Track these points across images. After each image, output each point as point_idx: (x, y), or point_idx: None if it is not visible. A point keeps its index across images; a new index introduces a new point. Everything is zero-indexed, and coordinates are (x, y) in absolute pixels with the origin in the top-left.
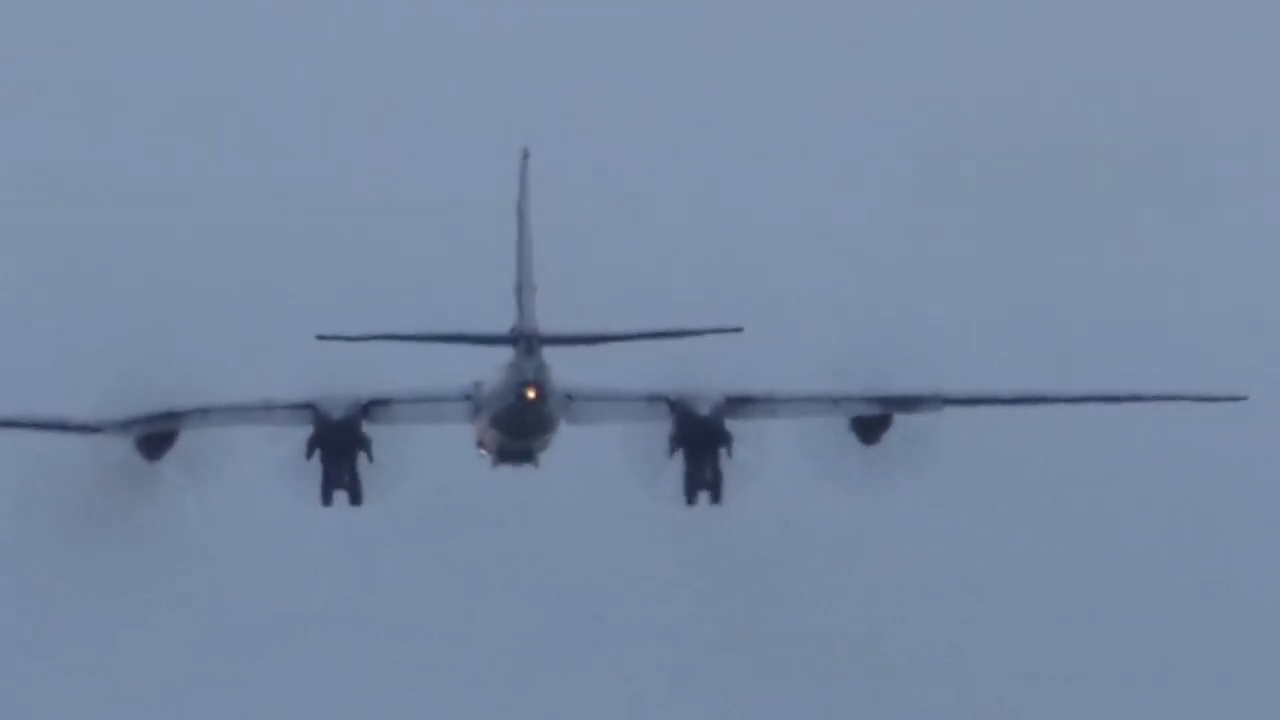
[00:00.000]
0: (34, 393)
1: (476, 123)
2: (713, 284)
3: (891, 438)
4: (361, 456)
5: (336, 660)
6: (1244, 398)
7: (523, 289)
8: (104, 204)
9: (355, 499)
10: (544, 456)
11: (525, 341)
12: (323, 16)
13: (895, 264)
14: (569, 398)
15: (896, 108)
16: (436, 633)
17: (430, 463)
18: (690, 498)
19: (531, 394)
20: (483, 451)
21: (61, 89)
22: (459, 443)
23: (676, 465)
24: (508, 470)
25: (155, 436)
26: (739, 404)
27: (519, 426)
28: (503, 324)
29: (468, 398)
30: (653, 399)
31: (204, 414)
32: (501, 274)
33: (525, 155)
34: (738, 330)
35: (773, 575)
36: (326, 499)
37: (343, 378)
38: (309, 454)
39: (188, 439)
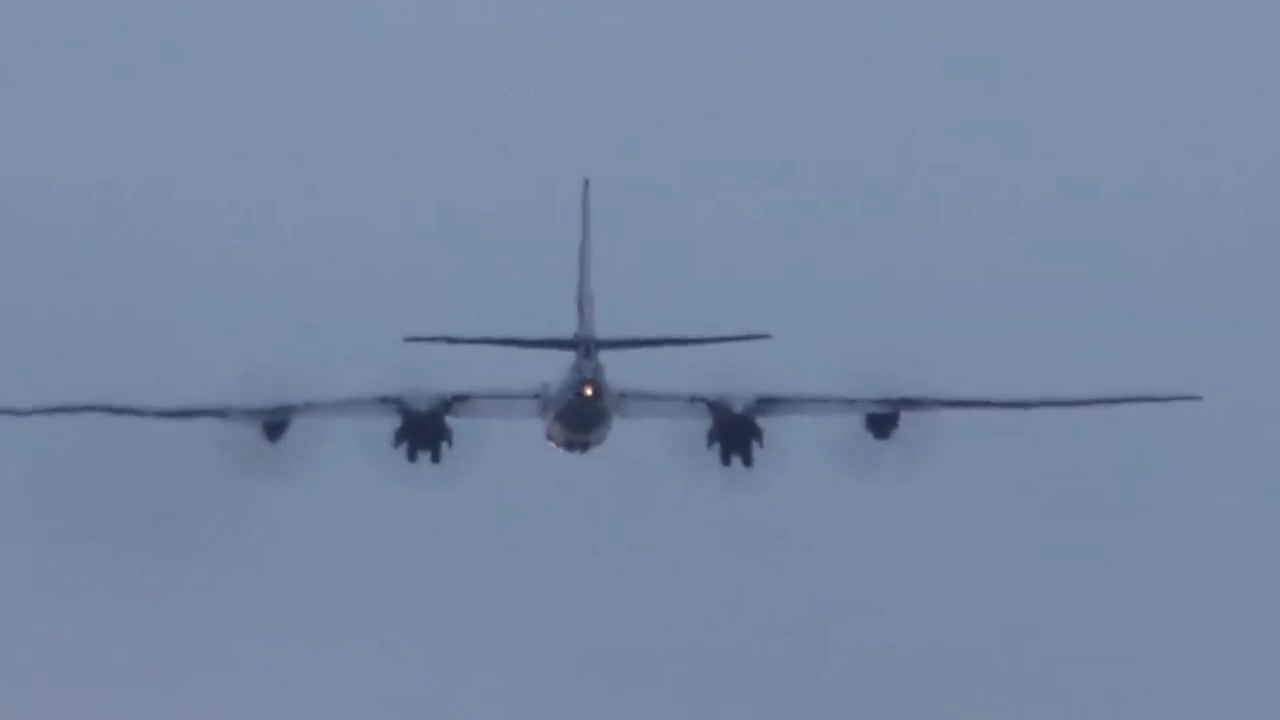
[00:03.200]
0: (164, 383)
1: (544, 151)
2: (746, 296)
3: (900, 434)
4: (443, 445)
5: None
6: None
7: (583, 300)
8: (214, 218)
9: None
10: (599, 449)
11: (584, 346)
12: (411, 46)
13: (905, 277)
14: (623, 396)
15: (902, 128)
16: (511, 592)
17: (502, 450)
18: (725, 461)
19: (589, 391)
20: (550, 444)
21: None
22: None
23: (714, 452)
24: (571, 456)
25: (274, 423)
26: (768, 403)
27: (579, 420)
28: (565, 330)
29: (537, 396)
30: (694, 398)
31: (310, 407)
32: (564, 286)
33: (586, 184)
34: (766, 337)
35: (792, 549)
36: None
37: (426, 376)
38: (396, 443)
39: (299, 425)
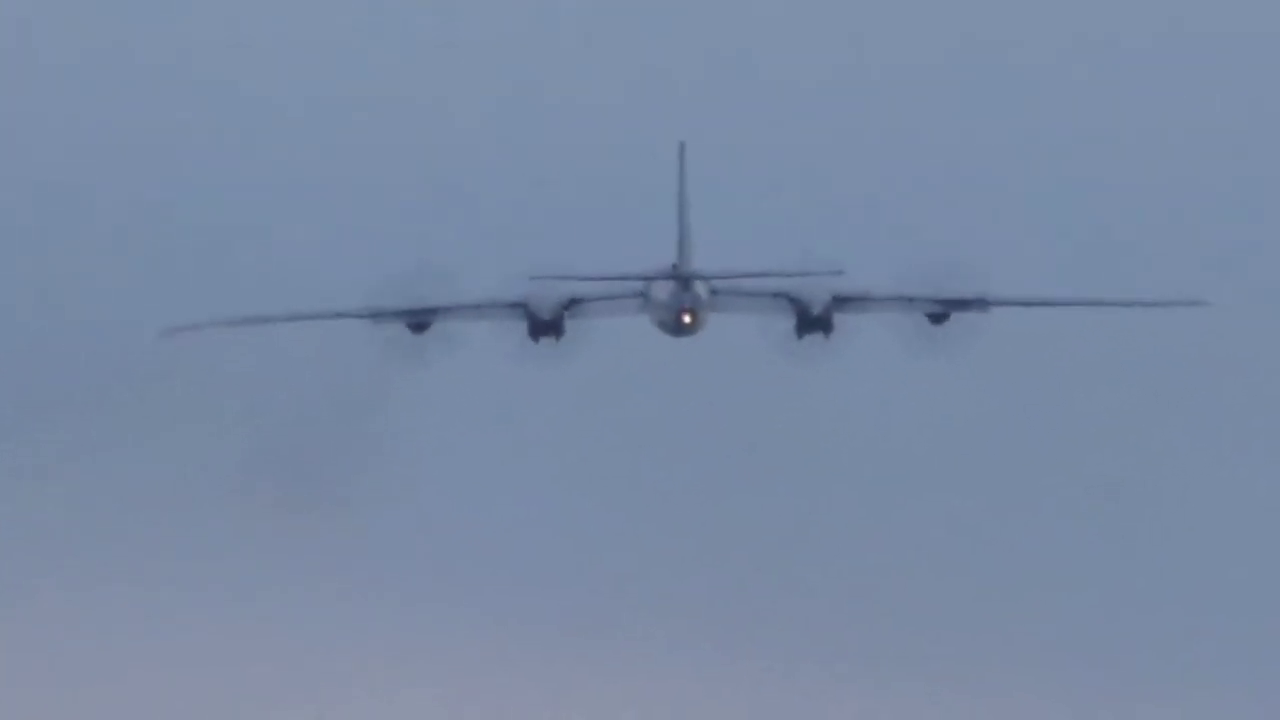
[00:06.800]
0: (318, 288)
1: (645, 116)
2: (824, 222)
3: (951, 325)
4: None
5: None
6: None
7: (682, 238)
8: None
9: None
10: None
11: (683, 280)
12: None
13: (962, 194)
14: (714, 293)
15: (951, 48)
16: (621, 456)
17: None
18: (801, 336)
19: (687, 318)
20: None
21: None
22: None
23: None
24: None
25: (417, 322)
26: (843, 301)
27: (677, 332)
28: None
29: (641, 294)
30: (777, 295)
31: (448, 309)
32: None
33: (682, 146)
34: (839, 273)
35: (867, 411)
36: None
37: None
38: (531, 339)
39: (440, 324)
